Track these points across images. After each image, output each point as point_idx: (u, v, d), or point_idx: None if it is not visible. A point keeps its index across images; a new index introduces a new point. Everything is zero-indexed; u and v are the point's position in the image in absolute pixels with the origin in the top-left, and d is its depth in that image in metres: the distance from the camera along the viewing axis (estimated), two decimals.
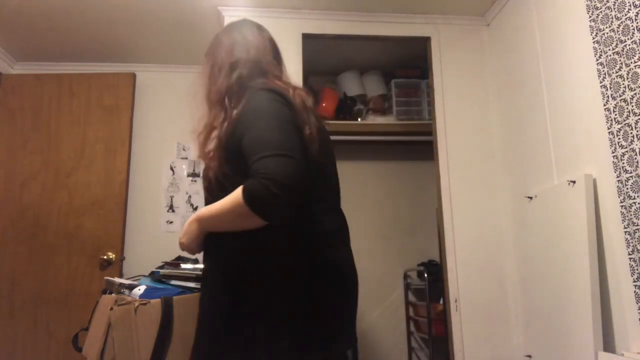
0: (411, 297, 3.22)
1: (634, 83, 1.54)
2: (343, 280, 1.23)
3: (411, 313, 3.17)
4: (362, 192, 3.38)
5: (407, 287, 3.22)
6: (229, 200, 1.10)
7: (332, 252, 1.23)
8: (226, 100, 1.25)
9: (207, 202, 1.25)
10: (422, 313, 3.00)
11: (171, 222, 3.07)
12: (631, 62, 1.55)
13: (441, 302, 2.77)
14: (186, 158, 3.20)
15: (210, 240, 1.23)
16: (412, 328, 3.18)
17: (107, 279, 1.76)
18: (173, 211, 3.10)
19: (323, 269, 1.18)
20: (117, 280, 1.70)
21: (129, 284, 1.61)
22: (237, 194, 1.07)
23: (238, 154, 1.13)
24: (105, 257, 2.81)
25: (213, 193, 1.21)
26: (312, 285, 1.15)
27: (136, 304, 1.42)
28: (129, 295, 1.55)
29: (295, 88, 1.30)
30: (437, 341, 2.79)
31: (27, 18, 2.67)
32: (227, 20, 2.60)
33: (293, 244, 1.16)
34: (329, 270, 1.19)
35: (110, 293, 1.65)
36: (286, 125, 1.12)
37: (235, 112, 1.20)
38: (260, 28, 1.44)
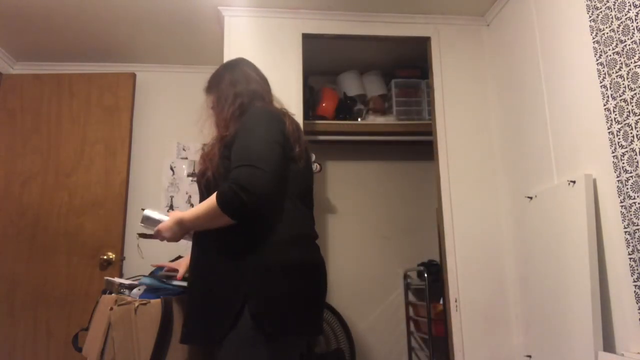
0: (411, 297, 3.22)
1: (634, 83, 1.54)
2: (305, 278, 1.36)
3: (411, 313, 3.17)
4: (362, 192, 3.38)
5: (407, 287, 3.22)
6: (206, 203, 1.34)
7: (301, 252, 1.39)
8: (230, 123, 1.48)
9: (203, 198, 1.44)
10: (422, 313, 3.00)
11: None
12: (631, 62, 1.55)
13: (441, 302, 2.77)
14: (186, 158, 3.20)
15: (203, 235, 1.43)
16: (412, 328, 3.18)
17: (107, 279, 1.76)
18: (173, 211, 3.10)
19: (293, 266, 1.34)
20: (117, 280, 1.71)
21: (129, 284, 1.62)
22: (212, 197, 1.31)
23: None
24: (105, 257, 2.81)
25: (210, 190, 1.38)
26: (277, 279, 1.31)
27: (136, 304, 1.43)
28: (129, 295, 1.55)
29: (288, 113, 1.54)
30: (437, 341, 2.79)
31: (27, 18, 2.67)
32: (227, 20, 2.60)
33: (267, 243, 1.33)
34: (296, 268, 1.34)
35: (110, 293, 1.65)
36: (268, 142, 1.34)
37: (237, 126, 1.43)
38: (254, 66, 1.68)
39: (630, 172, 1.56)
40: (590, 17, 1.76)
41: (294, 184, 1.42)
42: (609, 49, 1.65)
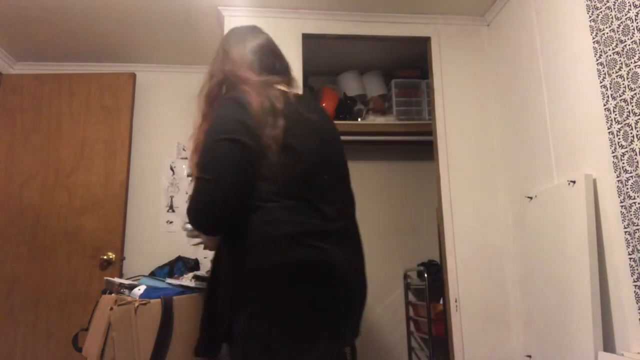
0: (411, 297, 3.22)
1: (634, 83, 1.54)
2: (326, 279, 1.22)
3: (411, 313, 3.17)
4: (362, 192, 3.33)
5: (407, 287, 3.22)
6: None
7: (310, 252, 1.20)
8: (209, 106, 1.36)
9: None
10: (422, 313, 3.00)
11: (171, 222, 3.07)
12: (631, 62, 1.55)
13: (441, 302, 2.76)
14: (186, 158, 3.20)
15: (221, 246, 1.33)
16: (412, 328, 3.18)
17: (107, 279, 1.75)
18: (173, 211, 3.10)
19: (303, 268, 1.18)
20: (117, 280, 1.70)
21: (129, 284, 1.61)
22: None
23: None
24: (105, 257, 2.81)
25: None
26: (295, 284, 1.17)
27: (136, 304, 1.42)
28: (129, 295, 1.55)
29: (262, 91, 1.29)
30: (437, 341, 2.78)
31: (27, 18, 2.67)
32: (227, 21, 2.59)
33: (258, 247, 1.18)
34: (309, 269, 1.19)
35: (110, 293, 1.65)
36: (215, 143, 1.19)
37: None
38: (251, 35, 1.47)
39: (630, 172, 1.56)
40: (590, 17, 1.76)
41: (275, 177, 1.21)
42: (609, 49, 1.65)
